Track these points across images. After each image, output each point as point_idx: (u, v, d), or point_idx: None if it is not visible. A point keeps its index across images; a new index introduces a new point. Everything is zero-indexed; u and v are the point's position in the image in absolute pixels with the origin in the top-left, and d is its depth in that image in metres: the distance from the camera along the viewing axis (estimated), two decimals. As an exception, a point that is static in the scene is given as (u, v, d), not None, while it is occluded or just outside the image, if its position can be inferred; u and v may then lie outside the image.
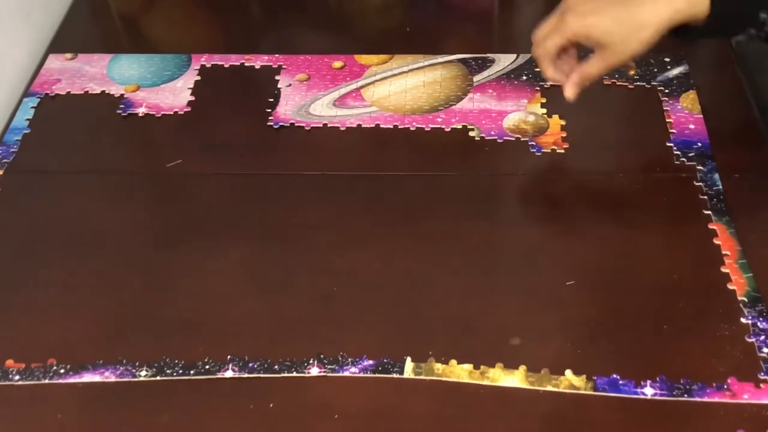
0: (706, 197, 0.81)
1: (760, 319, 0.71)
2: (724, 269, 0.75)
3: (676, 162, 0.85)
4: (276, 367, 0.69)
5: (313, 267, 0.77)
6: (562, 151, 0.87)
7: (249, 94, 0.95)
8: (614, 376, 0.68)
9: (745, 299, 0.72)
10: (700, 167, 0.84)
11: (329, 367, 0.69)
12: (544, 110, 0.91)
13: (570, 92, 0.80)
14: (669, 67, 0.96)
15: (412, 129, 0.90)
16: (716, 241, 0.77)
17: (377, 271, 0.76)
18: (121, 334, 0.72)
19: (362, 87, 0.95)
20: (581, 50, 0.80)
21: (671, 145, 0.87)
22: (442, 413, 0.66)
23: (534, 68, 0.96)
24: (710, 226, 0.78)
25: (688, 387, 0.67)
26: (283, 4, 1.09)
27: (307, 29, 1.05)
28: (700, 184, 0.82)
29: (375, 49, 1.00)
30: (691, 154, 0.85)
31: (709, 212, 0.80)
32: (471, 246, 0.78)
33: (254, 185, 0.85)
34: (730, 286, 0.73)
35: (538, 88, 0.94)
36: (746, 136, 0.88)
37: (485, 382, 0.68)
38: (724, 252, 0.76)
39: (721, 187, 0.82)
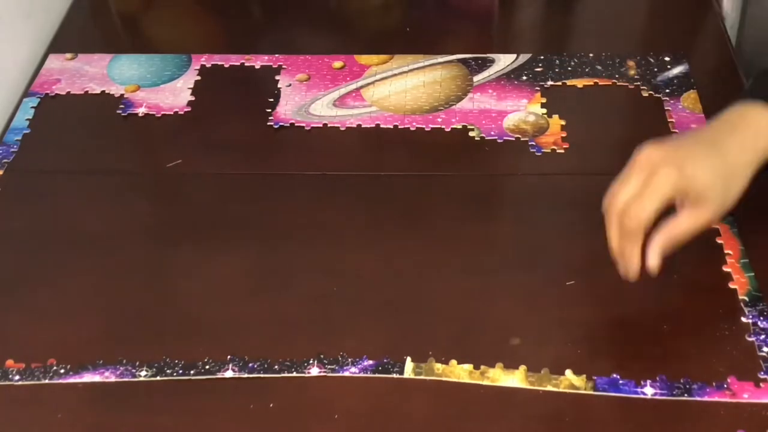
0: (707, 197, 0.81)
1: (761, 318, 0.71)
2: (725, 268, 0.75)
3: (677, 162, 0.85)
4: (276, 367, 0.69)
5: (313, 267, 0.77)
6: (562, 151, 0.87)
7: (249, 94, 0.95)
8: (614, 375, 0.68)
9: (746, 298, 0.72)
10: (700, 167, 0.84)
11: (329, 367, 0.69)
12: (544, 110, 0.91)
13: (654, 261, 0.68)
14: (669, 66, 0.95)
15: (412, 129, 0.90)
16: (719, 241, 0.77)
17: (377, 271, 0.76)
18: (121, 334, 0.72)
19: (362, 87, 0.95)
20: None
21: (672, 144, 0.86)
22: (442, 413, 0.66)
23: (534, 68, 0.96)
24: (713, 226, 0.78)
25: (688, 386, 0.67)
26: (283, 4, 1.09)
27: (307, 29, 1.05)
28: (701, 183, 0.82)
29: (375, 49, 1.00)
30: (691, 154, 0.85)
31: (711, 212, 0.80)
32: (471, 246, 0.78)
33: (254, 185, 0.85)
34: (732, 286, 0.73)
35: (538, 88, 0.93)
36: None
37: (485, 382, 0.68)
38: (726, 251, 0.76)
39: (722, 186, 0.82)
